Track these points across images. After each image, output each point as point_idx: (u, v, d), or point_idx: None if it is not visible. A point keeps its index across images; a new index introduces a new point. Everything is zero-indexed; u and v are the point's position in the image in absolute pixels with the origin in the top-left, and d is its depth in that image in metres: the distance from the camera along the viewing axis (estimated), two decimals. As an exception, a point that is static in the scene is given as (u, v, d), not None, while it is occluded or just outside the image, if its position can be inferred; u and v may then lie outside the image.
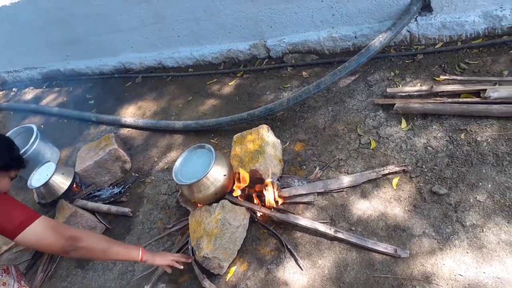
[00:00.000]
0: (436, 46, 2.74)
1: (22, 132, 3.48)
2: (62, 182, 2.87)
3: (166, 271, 2.08)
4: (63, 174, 2.91)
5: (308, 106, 2.83)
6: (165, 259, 2.02)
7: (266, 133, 2.50)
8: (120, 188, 2.97)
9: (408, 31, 2.80)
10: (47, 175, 2.85)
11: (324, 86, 2.58)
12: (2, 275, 1.56)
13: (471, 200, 1.93)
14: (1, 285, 1.54)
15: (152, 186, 2.91)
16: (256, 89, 3.27)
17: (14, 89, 5.43)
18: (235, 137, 2.58)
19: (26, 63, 5.23)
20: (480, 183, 1.96)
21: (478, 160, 2.05)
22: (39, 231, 1.55)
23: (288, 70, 3.27)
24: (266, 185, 2.26)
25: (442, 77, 2.51)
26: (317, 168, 2.40)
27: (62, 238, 1.60)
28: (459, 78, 2.44)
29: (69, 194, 2.89)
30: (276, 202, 2.27)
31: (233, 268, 2.17)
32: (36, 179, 2.89)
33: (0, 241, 2.93)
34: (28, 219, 1.54)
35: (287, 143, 2.67)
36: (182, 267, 2.09)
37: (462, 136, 2.18)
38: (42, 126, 4.26)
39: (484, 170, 2.00)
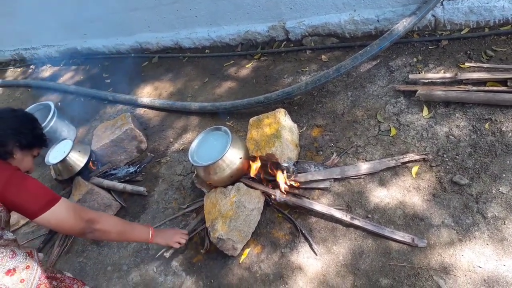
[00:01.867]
0: (462, 32, 2.65)
1: (40, 109, 3.51)
2: (78, 160, 2.89)
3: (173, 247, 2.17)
4: (79, 151, 2.93)
5: (327, 91, 2.78)
6: (169, 240, 2.11)
7: (283, 117, 2.47)
8: (136, 167, 2.98)
9: (433, 15, 2.71)
10: (64, 152, 2.87)
11: (344, 71, 2.53)
12: (26, 258, 1.57)
13: (494, 191, 1.88)
14: (25, 268, 1.54)
15: (167, 166, 2.91)
16: (273, 72, 3.22)
17: (32, 66, 5.46)
18: (251, 120, 2.55)
19: (44, 41, 5.24)
20: (504, 175, 1.91)
21: (502, 150, 2.00)
22: (60, 213, 1.58)
23: (307, 53, 3.21)
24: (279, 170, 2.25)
25: (467, 64, 2.43)
26: (334, 154, 2.37)
27: (81, 221, 1.64)
28: (485, 65, 2.36)
29: (85, 172, 2.91)
30: (290, 186, 2.25)
31: (247, 250, 2.17)
32: (53, 156, 2.92)
33: (17, 216, 2.97)
34: (50, 201, 1.56)
35: (304, 128, 2.64)
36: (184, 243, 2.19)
37: (487, 125, 2.12)
38: (59, 103, 4.28)
39: (508, 161, 1.95)
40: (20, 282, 1.49)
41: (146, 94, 3.78)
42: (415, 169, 2.10)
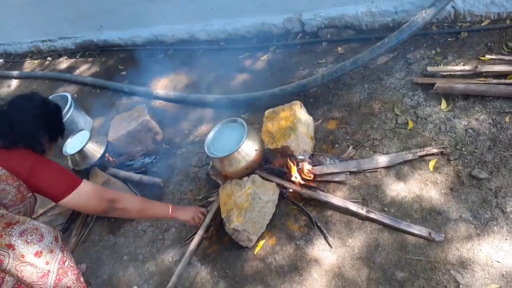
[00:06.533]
0: (483, 24, 2.60)
1: (57, 101, 3.50)
2: (95, 150, 2.93)
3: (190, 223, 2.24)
4: (96, 142, 2.97)
5: (343, 83, 2.76)
6: (189, 216, 2.17)
7: (298, 110, 2.46)
8: (152, 158, 3.01)
9: (452, 7, 2.66)
10: (82, 143, 2.91)
11: (362, 63, 2.50)
12: (52, 243, 1.64)
13: (513, 186, 1.85)
14: (49, 252, 1.62)
15: (182, 158, 2.94)
16: (289, 65, 3.21)
17: (48, 58, 5.53)
18: (266, 112, 2.54)
19: (61, 33, 5.29)
20: (524, 169, 1.88)
21: (523, 145, 1.96)
22: (83, 195, 1.67)
23: (323, 45, 3.18)
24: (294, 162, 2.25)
25: (487, 56, 2.38)
26: (350, 147, 2.36)
27: (103, 201, 1.73)
28: (506, 58, 2.32)
29: (102, 163, 2.95)
30: (303, 178, 2.25)
31: (262, 242, 2.18)
32: (71, 146, 2.97)
33: (36, 206, 3.03)
34: (73, 184, 1.65)
35: (320, 121, 2.63)
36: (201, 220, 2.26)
37: (507, 119, 2.08)
38: (75, 95, 4.33)
39: (529, 156, 1.92)
40: (45, 264, 1.59)
41: (162, 86, 3.80)
42: (432, 163, 2.08)
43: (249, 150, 2.26)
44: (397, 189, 2.07)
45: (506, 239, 1.72)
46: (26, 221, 1.60)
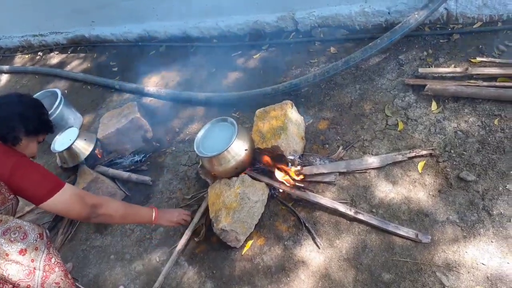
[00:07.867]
0: (474, 26, 2.60)
1: (47, 96, 3.51)
2: (84, 148, 2.90)
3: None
4: (85, 140, 2.94)
5: (335, 83, 2.75)
6: (172, 220, 2.14)
7: (290, 110, 2.45)
8: (141, 156, 2.98)
9: (445, 8, 2.65)
10: (70, 140, 2.88)
11: (354, 63, 2.49)
12: (36, 240, 1.61)
13: (500, 188, 1.85)
14: (34, 249, 1.60)
15: (172, 156, 2.91)
16: (281, 63, 3.19)
17: (39, 53, 5.47)
18: (257, 112, 2.53)
19: (52, 28, 5.23)
20: (511, 172, 1.89)
21: (511, 147, 1.96)
22: (66, 199, 1.62)
23: (316, 44, 3.17)
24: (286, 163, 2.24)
25: (478, 59, 2.39)
26: (340, 148, 2.35)
27: (86, 206, 1.68)
28: (497, 60, 2.32)
29: (90, 160, 2.92)
30: (294, 179, 2.24)
31: (250, 242, 2.17)
32: (59, 143, 2.93)
33: (22, 203, 3.00)
34: (56, 187, 1.60)
35: (311, 121, 2.61)
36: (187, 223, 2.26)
37: (496, 122, 2.08)
38: (66, 91, 4.29)
39: (517, 159, 1.92)
40: (31, 262, 1.57)
41: (153, 83, 3.77)
42: (421, 164, 2.08)
43: (238, 149, 2.24)
44: (385, 191, 2.07)
45: (492, 242, 1.72)
46: (9, 220, 1.57)
